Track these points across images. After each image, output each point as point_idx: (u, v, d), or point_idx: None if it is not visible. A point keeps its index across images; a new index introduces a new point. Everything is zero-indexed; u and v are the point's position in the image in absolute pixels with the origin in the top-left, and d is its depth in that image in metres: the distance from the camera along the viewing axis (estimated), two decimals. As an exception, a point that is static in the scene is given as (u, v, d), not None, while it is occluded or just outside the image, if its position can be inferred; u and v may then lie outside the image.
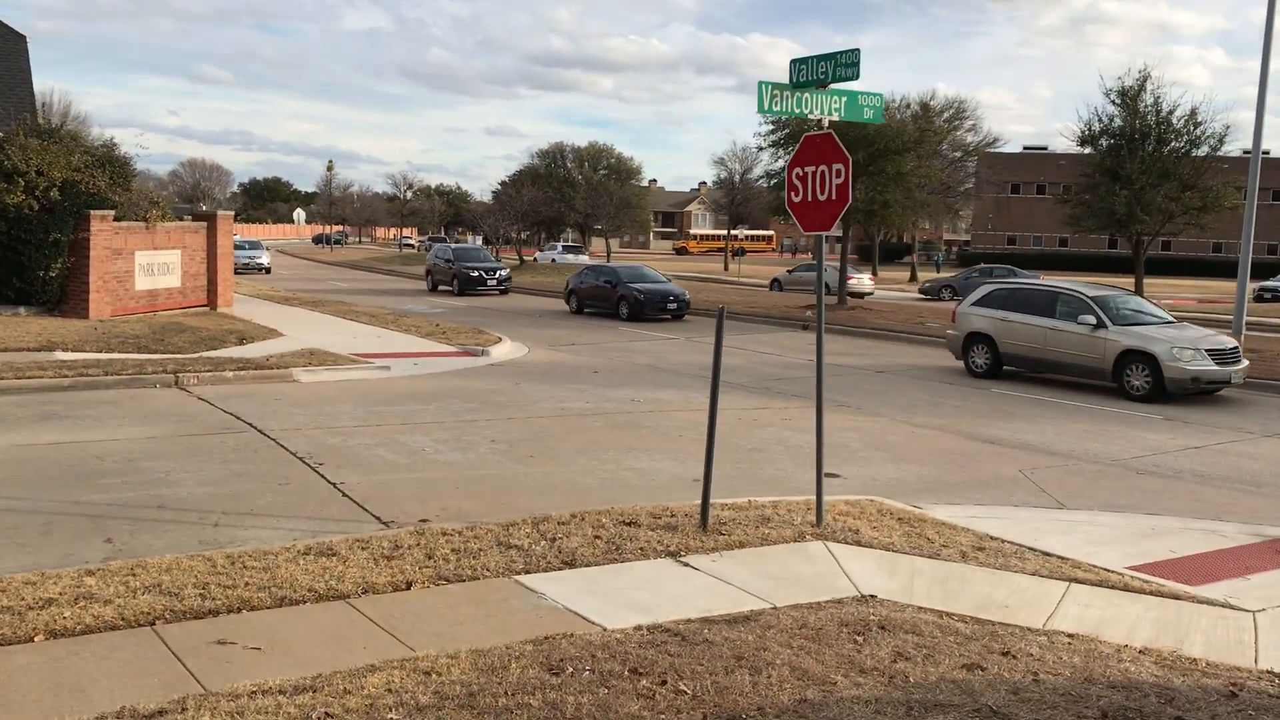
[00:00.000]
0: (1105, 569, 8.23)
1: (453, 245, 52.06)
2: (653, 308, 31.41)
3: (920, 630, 6.30)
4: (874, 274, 66.02)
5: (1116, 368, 18.47)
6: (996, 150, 79.70)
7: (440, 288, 42.85)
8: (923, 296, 47.11)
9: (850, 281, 46.83)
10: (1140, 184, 27.76)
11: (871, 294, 46.37)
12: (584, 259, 69.36)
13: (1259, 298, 47.07)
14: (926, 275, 68.60)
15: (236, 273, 48.02)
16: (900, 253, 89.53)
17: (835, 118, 8.93)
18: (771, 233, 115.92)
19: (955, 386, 19.24)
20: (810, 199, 8.88)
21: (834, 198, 8.66)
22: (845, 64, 8.60)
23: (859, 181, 31.24)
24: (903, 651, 5.88)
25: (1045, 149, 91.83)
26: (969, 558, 8.28)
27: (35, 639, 5.93)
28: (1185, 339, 18.40)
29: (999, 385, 19.58)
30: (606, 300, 32.40)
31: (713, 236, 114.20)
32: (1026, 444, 13.81)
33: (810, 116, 8.89)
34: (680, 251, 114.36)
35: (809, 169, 8.83)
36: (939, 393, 18.38)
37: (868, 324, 30.27)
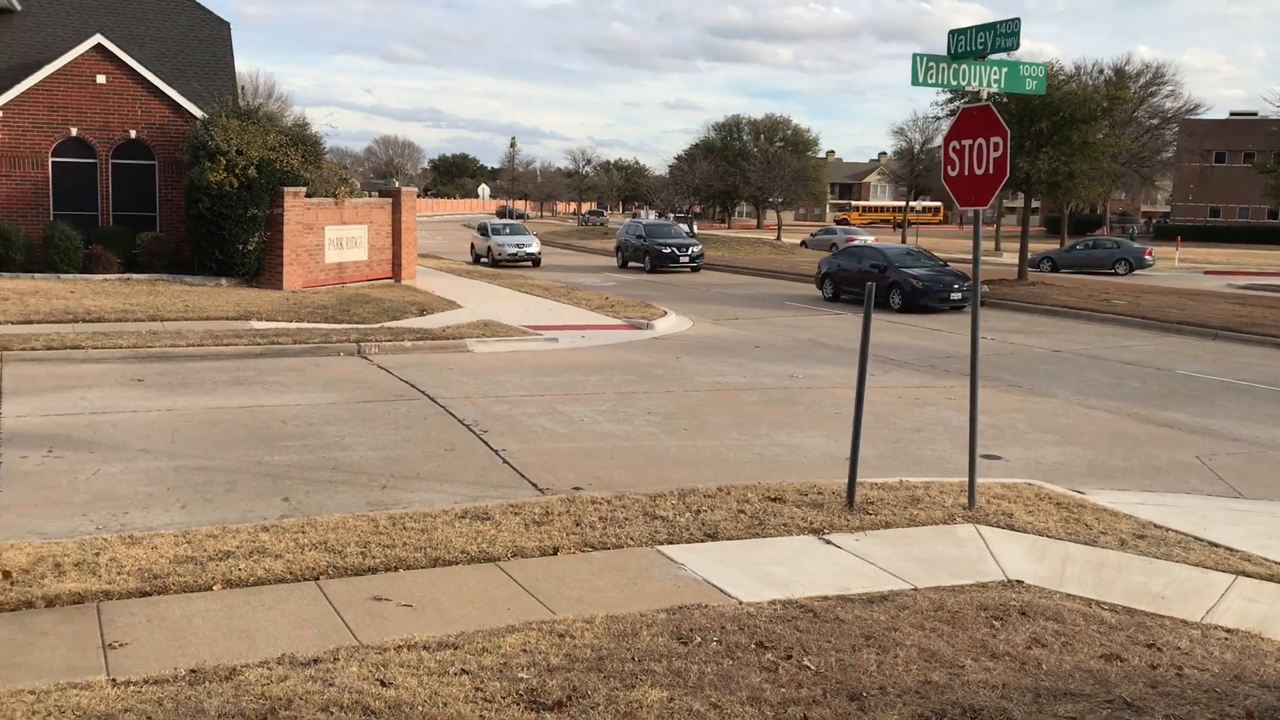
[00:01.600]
0: (1279, 562, 7.80)
1: (644, 221, 48.62)
2: (933, 296, 26.38)
3: (1062, 618, 6.15)
4: (1062, 243, 63.38)
5: None
6: (1199, 117, 75.01)
7: (630, 264, 41.73)
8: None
9: (853, 243, 46.96)
10: (1357, 151, 25.69)
11: None
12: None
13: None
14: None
15: (498, 265, 40.65)
16: (1092, 225, 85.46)
17: (994, 89, 8.67)
18: (939, 204, 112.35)
19: (1134, 368, 18.39)
20: (967, 173, 8.67)
21: (991, 172, 8.43)
22: (1005, 34, 8.34)
23: (1042, 151, 30.02)
24: (1040, 638, 5.77)
25: (1255, 114, 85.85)
26: (1128, 546, 7.99)
27: (214, 588, 6.46)
28: None
29: None
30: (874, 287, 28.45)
31: (875, 208, 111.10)
32: (1208, 429, 13.12)
33: (968, 88, 8.66)
34: (841, 224, 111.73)
35: (966, 142, 8.61)
36: (1117, 373, 17.60)
37: (1049, 300, 29.12)
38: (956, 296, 26.65)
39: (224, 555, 6.94)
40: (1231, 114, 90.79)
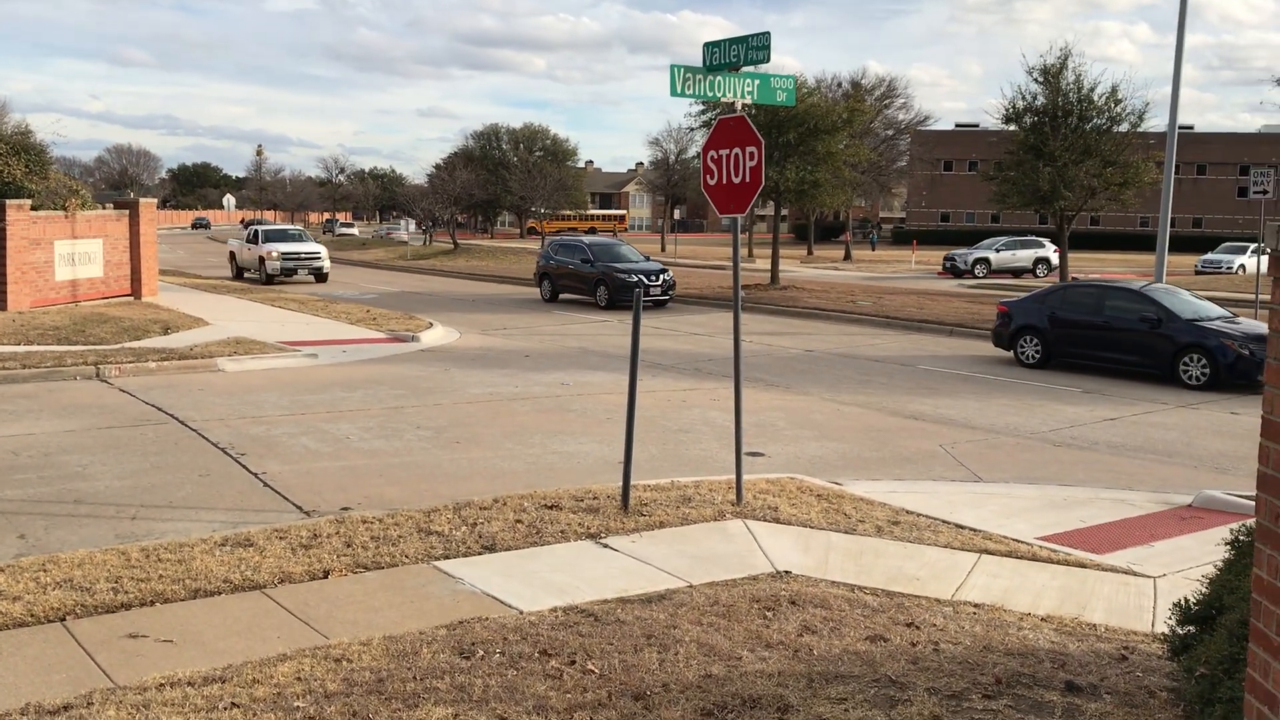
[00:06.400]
0: (1015, 540, 8.45)
1: (588, 240, 34.37)
2: (1262, 367, 11.20)
3: (829, 604, 6.44)
4: (809, 251, 66.73)
5: None
6: (929, 128, 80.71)
7: (563, 296, 32.23)
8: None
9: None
10: (1063, 161, 28.28)
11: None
12: (354, 232, 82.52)
13: (1199, 271, 47.90)
14: (861, 253, 69.44)
15: (272, 281, 36.50)
16: (836, 230, 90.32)
17: (748, 100, 9.01)
18: (624, 212, 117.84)
19: (881, 364, 19.52)
20: (725, 182, 8.96)
21: (748, 180, 8.75)
22: (757, 47, 8.68)
23: (790, 161, 31.44)
24: (810, 625, 6.02)
25: (977, 126, 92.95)
26: (884, 532, 8.46)
27: (-60, 638, 5.85)
28: None
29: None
30: (1148, 350, 17.86)
31: (564, 216, 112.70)
32: (949, 419, 14.08)
33: (724, 99, 8.96)
34: (532, 231, 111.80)
35: (724, 152, 8.90)
36: (866, 370, 18.64)
37: (801, 303, 30.54)
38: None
39: (-49, 602, 6.30)
40: (956, 125, 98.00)
